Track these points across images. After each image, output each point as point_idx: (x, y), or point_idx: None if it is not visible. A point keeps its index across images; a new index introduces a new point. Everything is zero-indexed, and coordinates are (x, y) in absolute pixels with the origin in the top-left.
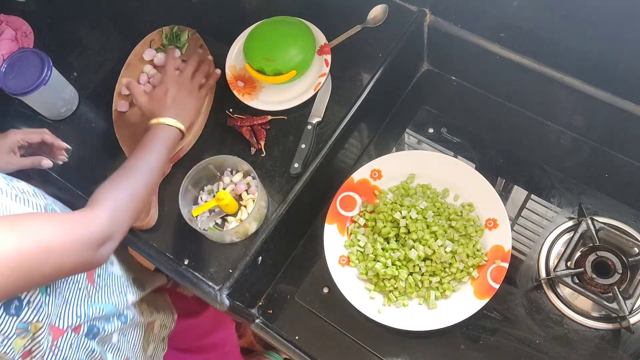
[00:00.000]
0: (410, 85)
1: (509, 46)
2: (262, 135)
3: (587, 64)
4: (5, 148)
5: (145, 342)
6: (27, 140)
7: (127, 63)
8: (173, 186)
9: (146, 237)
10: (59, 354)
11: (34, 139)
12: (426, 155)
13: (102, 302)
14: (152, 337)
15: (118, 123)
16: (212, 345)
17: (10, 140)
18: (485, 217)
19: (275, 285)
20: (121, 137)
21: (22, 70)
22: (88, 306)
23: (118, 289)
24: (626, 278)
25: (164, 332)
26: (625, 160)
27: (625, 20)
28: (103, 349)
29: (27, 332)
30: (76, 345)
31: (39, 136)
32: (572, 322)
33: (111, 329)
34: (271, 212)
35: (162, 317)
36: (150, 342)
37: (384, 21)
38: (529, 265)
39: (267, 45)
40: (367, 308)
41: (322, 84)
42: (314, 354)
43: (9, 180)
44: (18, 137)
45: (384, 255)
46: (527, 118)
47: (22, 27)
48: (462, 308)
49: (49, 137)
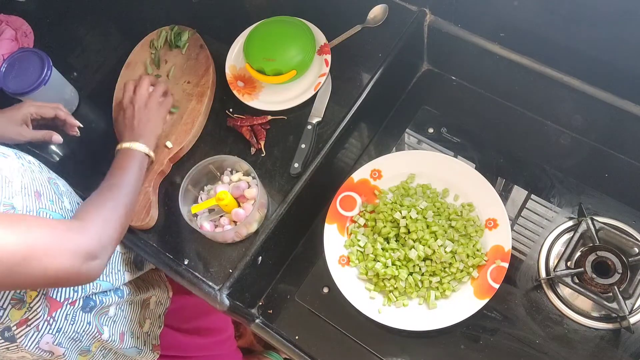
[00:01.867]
0: (410, 85)
1: (509, 46)
2: (262, 135)
3: (587, 64)
4: (18, 119)
5: (141, 317)
6: (40, 113)
7: (127, 63)
8: (173, 186)
9: (146, 237)
10: (55, 325)
11: (48, 114)
12: (426, 155)
13: (100, 279)
14: (148, 314)
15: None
16: (207, 329)
17: (24, 112)
18: (485, 217)
19: (275, 285)
20: None
21: (22, 70)
22: None
23: (117, 267)
24: (626, 278)
25: (160, 309)
26: (625, 160)
27: (625, 20)
28: (99, 323)
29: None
30: (72, 317)
31: (52, 111)
32: (572, 322)
33: (108, 302)
34: (271, 212)
35: (158, 293)
36: (146, 318)
37: (384, 21)
38: (529, 265)
39: (267, 45)
40: (367, 308)
41: (322, 84)
42: (314, 354)
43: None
44: (32, 109)
45: (384, 255)
46: (527, 118)
47: (22, 27)
48: (462, 308)
49: (63, 113)
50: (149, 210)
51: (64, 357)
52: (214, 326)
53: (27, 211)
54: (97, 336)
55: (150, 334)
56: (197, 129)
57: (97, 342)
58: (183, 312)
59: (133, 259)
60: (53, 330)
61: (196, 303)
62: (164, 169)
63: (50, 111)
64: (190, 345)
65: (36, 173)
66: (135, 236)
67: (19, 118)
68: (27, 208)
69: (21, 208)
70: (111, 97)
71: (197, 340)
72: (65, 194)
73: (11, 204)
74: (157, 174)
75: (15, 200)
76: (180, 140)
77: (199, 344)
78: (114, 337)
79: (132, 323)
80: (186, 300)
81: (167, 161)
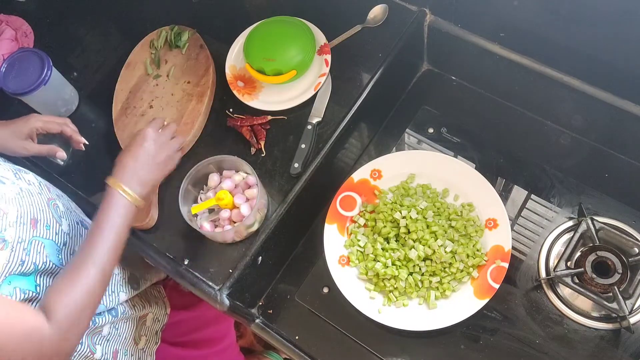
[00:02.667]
0: (410, 85)
1: (508, 46)
2: (262, 135)
3: (587, 64)
4: (23, 133)
5: (137, 335)
6: (46, 129)
7: (127, 63)
8: (173, 186)
9: (146, 237)
10: None
11: (54, 129)
12: (426, 155)
13: None
14: (144, 330)
15: (118, 123)
16: (207, 340)
17: (30, 126)
18: (485, 217)
19: (275, 285)
20: (121, 137)
21: (22, 70)
22: None
23: (110, 289)
24: (626, 278)
25: (157, 326)
26: (625, 160)
27: (625, 20)
28: (92, 342)
29: None
30: None
31: (59, 127)
32: (572, 322)
33: (101, 322)
34: (271, 212)
35: (155, 310)
36: (142, 335)
37: (384, 21)
38: (529, 265)
39: (267, 45)
40: (367, 308)
41: (322, 84)
42: (314, 354)
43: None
44: (39, 124)
45: (384, 255)
46: (527, 118)
47: (22, 27)
48: (462, 308)
49: (69, 130)
50: (149, 210)
51: None
52: (213, 337)
53: (18, 242)
54: (89, 356)
55: (145, 351)
56: (197, 129)
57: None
58: (180, 326)
59: (127, 278)
60: None
61: (193, 317)
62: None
63: (57, 127)
64: (188, 358)
65: (35, 196)
66: (135, 236)
67: (24, 132)
68: (19, 239)
69: (12, 240)
70: (111, 97)
71: (194, 352)
72: (65, 215)
73: (2, 237)
74: None
75: (7, 232)
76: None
77: (197, 356)
78: (107, 356)
79: (127, 341)
80: (184, 315)
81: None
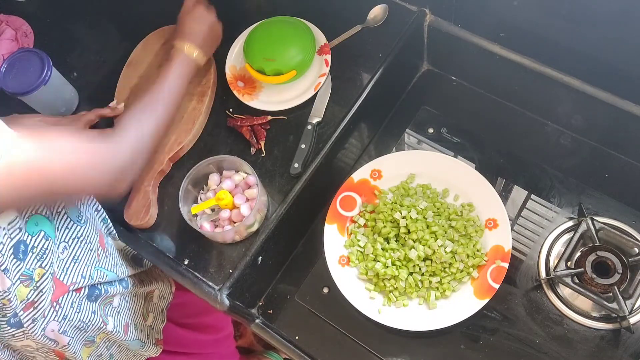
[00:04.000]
0: (410, 85)
1: (509, 46)
2: (262, 135)
3: (587, 64)
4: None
5: (145, 310)
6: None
7: (127, 63)
8: (173, 186)
9: (146, 237)
10: (61, 312)
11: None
12: (426, 155)
13: (107, 269)
14: (151, 307)
15: None
16: (208, 326)
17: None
18: (485, 217)
19: (275, 285)
20: None
21: (22, 70)
22: (95, 269)
23: (120, 261)
24: (626, 278)
25: (162, 303)
26: (625, 160)
27: (625, 20)
28: (104, 313)
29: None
30: (77, 306)
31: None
32: (572, 322)
33: (113, 292)
34: (271, 212)
35: (161, 287)
36: (149, 311)
37: (384, 21)
38: (529, 265)
39: (267, 45)
40: (367, 308)
41: (322, 84)
42: (314, 354)
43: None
44: (92, 116)
45: (384, 255)
46: (527, 118)
47: (22, 27)
48: (462, 308)
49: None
50: (148, 209)
51: (68, 346)
52: (215, 324)
53: None
54: (101, 327)
55: (153, 328)
56: (197, 129)
57: (101, 334)
58: (185, 307)
59: (131, 256)
60: (59, 317)
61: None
62: (163, 168)
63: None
64: (192, 341)
65: None
66: (134, 235)
67: (80, 126)
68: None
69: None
70: (111, 97)
71: (198, 336)
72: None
73: None
74: (157, 173)
75: None
76: (180, 139)
77: (200, 340)
78: (118, 328)
79: (136, 315)
80: (189, 296)
81: (167, 160)
